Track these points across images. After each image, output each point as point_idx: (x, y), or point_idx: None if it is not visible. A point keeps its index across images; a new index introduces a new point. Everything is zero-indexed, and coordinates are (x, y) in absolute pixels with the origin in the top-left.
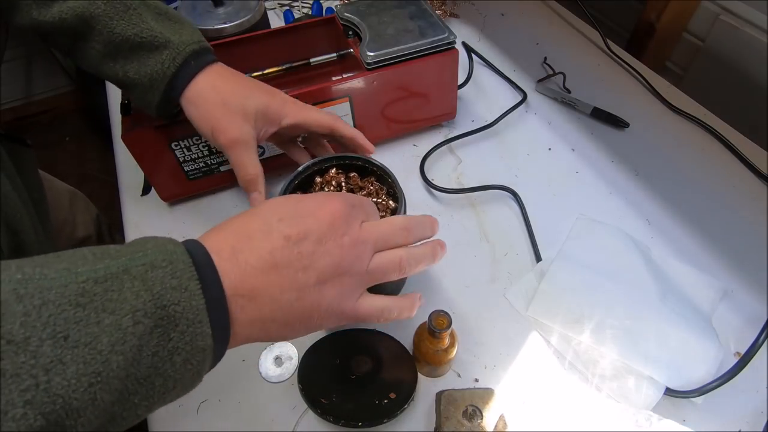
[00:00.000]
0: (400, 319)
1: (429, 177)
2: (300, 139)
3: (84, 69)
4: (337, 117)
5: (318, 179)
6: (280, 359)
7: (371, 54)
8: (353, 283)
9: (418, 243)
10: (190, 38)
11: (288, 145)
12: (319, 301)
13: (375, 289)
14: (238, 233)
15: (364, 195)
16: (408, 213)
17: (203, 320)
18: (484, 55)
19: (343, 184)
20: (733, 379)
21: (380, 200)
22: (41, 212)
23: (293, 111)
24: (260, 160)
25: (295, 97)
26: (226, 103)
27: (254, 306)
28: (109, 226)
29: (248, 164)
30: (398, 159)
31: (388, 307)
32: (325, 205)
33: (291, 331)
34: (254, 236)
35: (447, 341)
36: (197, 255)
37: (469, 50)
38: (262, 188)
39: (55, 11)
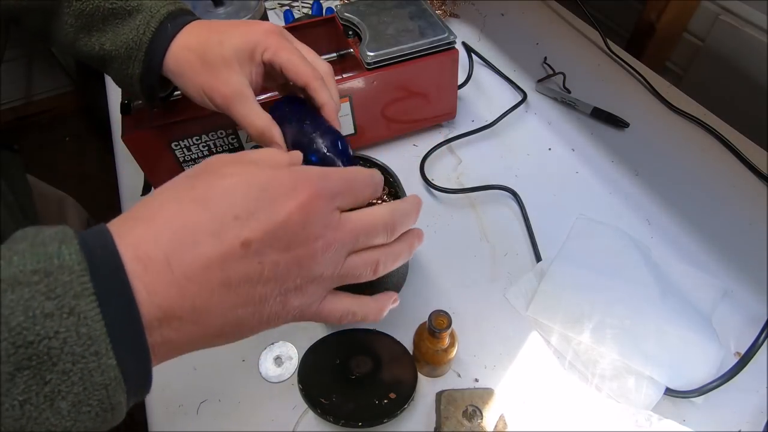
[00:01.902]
0: (366, 322)
1: (429, 177)
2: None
3: (65, 51)
4: (319, 75)
5: None
6: (280, 359)
7: (371, 54)
8: (320, 290)
9: None
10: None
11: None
12: (278, 313)
13: (376, 285)
14: (178, 233)
15: None
16: None
17: (101, 351)
18: (484, 55)
19: None
20: (733, 379)
21: (382, 200)
22: (29, 218)
23: (274, 44)
24: None
25: None
26: (205, 59)
27: (194, 327)
28: None
29: (253, 116)
30: (398, 159)
31: (353, 311)
32: (298, 194)
33: (237, 338)
34: (200, 240)
35: (447, 341)
36: (99, 255)
37: (469, 50)
38: (279, 139)
39: None
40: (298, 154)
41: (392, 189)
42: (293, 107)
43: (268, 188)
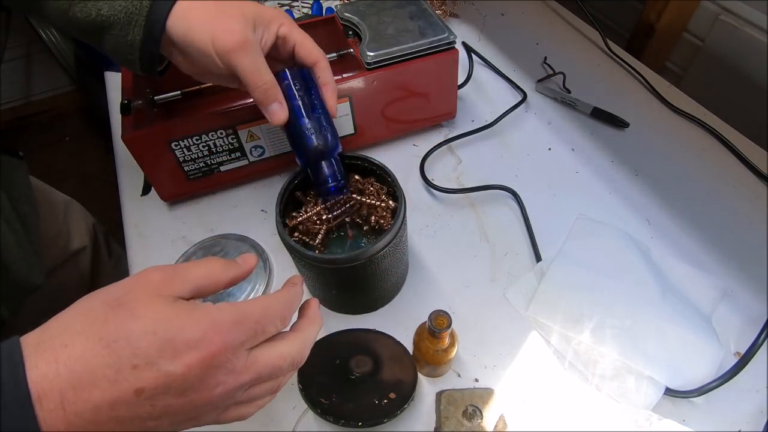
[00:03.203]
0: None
1: (429, 177)
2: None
3: (57, 22)
4: (326, 57)
5: None
6: None
7: (371, 54)
8: (218, 413)
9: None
10: None
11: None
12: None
13: (374, 286)
14: (77, 374)
15: (365, 196)
16: (407, 213)
17: None
18: (484, 55)
19: None
20: (733, 379)
21: (380, 200)
22: (27, 227)
23: (288, 22)
24: (260, 160)
25: None
26: (221, 8)
27: None
28: (105, 235)
29: (263, 69)
30: (398, 159)
31: (272, 391)
32: (203, 348)
33: None
34: (97, 383)
35: (447, 341)
36: (9, 392)
37: (469, 50)
38: (281, 98)
39: None
40: (241, 267)
41: (390, 189)
42: (299, 75)
43: (174, 339)
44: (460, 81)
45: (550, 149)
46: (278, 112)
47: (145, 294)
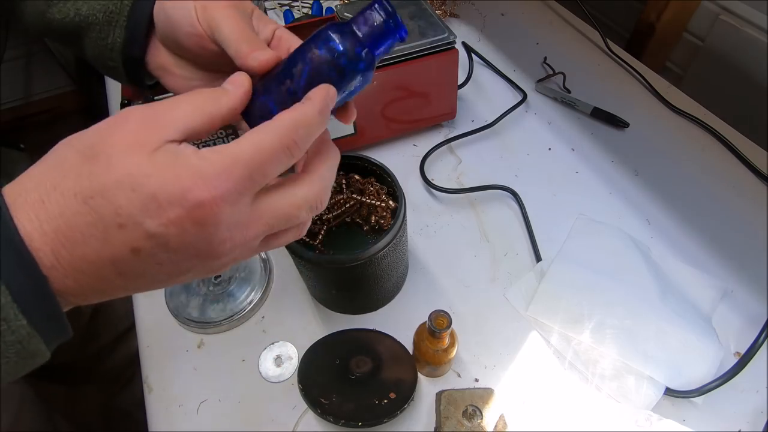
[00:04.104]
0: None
1: (429, 177)
2: None
3: (32, 25)
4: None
5: None
6: (280, 359)
7: None
8: (237, 258)
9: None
10: None
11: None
12: (199, 275)
13: (374, 287)
14: (62, 232)
15: (365, 196)
16: (407, 213)
17: (9, 317)
18: (484, 55)
19: (344, 184)
20: (733, 379)
21: (380, 200)
22: None
23: (284, 28)
24: None
25: None
26: None
27: (101, 295)
28: None
29: (248, 26)
30: (398, 159)
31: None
32: (188, 200)
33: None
34: (86, 242)
35: (447, 341)
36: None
37: (469, 50)
38: (267, 48)
39: None
40: (234, 91)
41: (390, 189)
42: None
43: (155, 195)
44: (460, 81)
45: (550, 149)
46: (260, 54)
47: (122, 142)
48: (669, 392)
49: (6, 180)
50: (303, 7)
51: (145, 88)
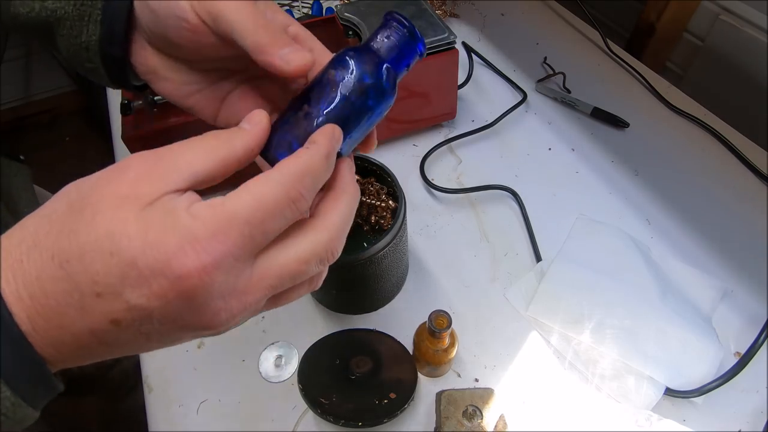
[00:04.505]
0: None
1: (429, 177)
2: None
3: (2, 25)
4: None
5: None
6: (280, 359)
7: None
8: (234, 324)
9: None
10: None
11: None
12: (182, 342)
13: (373, 288)
14: (37, 300)
15: (365, 196)
16: (407, 213)
17: None
18: (484, 55)
19: None
20: (733, 379)
21: (380, 200)
22: None
23: (298, 24)
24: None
25: None
26: None
27: (81, 360)
28: None
29: (262, 12)
30: (398, 159)
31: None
32: (174, 270)
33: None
34: (63, 312)
35: (447, 341)
36: None
37: (469, 50)
38: (295, 44)
39: None
40: (251, 131)
41: (390, 189)
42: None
43: (135, 262)
44: (460, 81)
45: (550, 149)
46: (293, 54)
47: (115, 195)
48: (669, 392)
49: (5, 197)
50: (303, 7)
51: (134, 90)
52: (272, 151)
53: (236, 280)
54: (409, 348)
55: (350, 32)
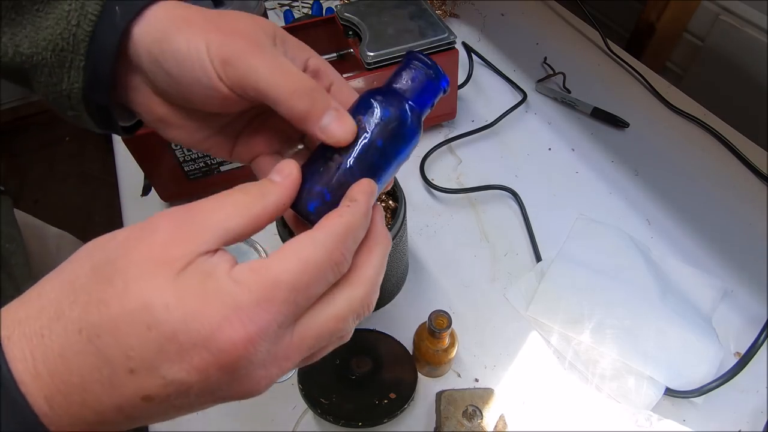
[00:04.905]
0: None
1: (429, 177)
2: None
3: None
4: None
5: None
6: None
7: (371, 54)
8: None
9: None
10: None
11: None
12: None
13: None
14: (59, 377)
15: None
16: (407, 213)
17: None
18: (484, 55)
19: None
20: (733, 379)
21: (380, 200)
22: (15, 265)
23: (317, 55)
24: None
25: None
26: (207, 17)
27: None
28: None
29: (293, 68)
30: None
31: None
32: (218, 343)
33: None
34: (88, 388)
35: (447, 341)
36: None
37: (469, 50)
38: (337, 104)
39: None
40: (282, 183)
41: (390, 189)
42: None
43: (176, 336)
44: (460, 81)
45: (550, 149)
46: (337, 123)
47: (145, 260)
48: (669, 392)
49: None
50: (303, 7)
51: (123, 133)
52: (304, 202)
53: (278, 348)
54: (409, 348)
55: (350, 32)
